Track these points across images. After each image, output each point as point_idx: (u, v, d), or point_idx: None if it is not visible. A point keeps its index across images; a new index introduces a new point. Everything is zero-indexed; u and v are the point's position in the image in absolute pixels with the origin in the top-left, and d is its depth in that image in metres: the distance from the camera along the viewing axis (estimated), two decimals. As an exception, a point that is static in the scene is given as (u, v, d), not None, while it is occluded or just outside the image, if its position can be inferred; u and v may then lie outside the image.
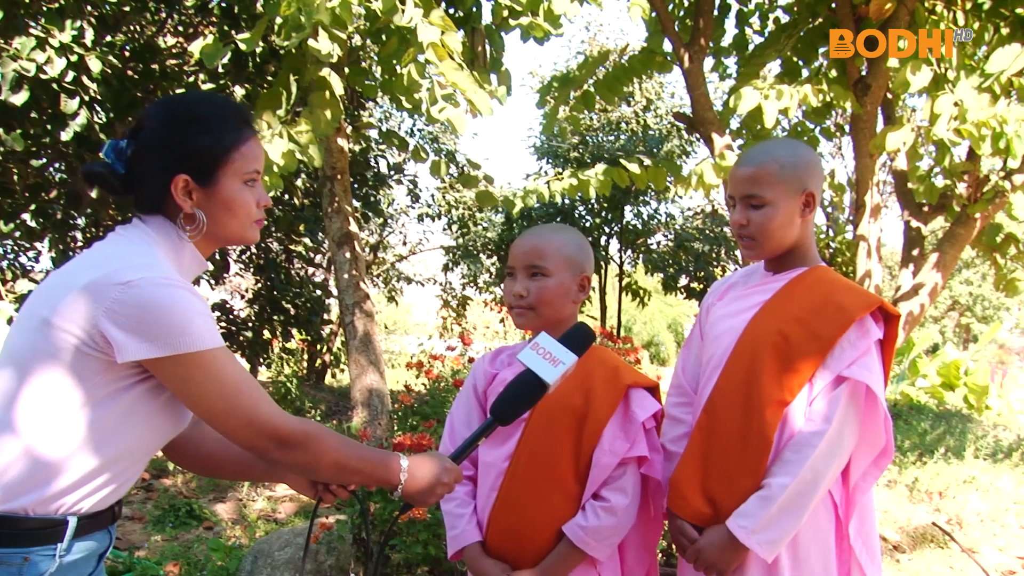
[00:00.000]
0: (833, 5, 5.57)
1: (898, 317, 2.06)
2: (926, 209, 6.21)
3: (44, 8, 5.83)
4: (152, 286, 1.45)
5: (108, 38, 6.65)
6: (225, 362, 1.51)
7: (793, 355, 1.99)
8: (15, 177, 7.07)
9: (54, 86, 5.63)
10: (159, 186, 1.57)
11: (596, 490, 2.00)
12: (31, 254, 9.35)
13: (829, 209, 14.54)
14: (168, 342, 1.44)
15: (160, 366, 1.47)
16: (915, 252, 6.20)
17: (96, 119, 6.01)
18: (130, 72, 6.99)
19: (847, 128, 6.84)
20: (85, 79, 5.76)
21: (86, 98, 5.82)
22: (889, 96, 6.07)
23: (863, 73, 5.61)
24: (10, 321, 5.68)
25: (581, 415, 2.01)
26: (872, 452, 2.03)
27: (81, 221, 8.34)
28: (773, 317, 2.05)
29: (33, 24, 5.69)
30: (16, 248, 9.26)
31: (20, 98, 5.31)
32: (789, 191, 2.03)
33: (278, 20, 4.19)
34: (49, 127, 6.13)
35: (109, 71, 6.09)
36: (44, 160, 6.98)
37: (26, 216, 7.72)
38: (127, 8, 6.81)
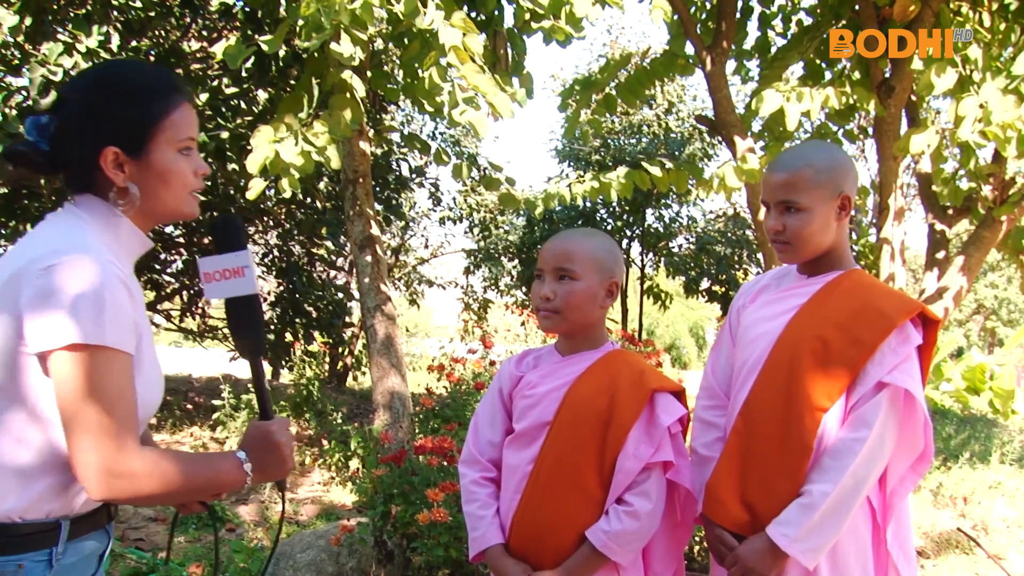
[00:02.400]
0: (857, 7, 5.54)
1: (938, 322, 2.05)
2: (951, 212, 6.16)
3: (71, 14, 5.90)
4: (71, 270, 1.37)
5: (134, 43, 6.72)
6: (114, 371, 1.39)
7: (833, 360, 1.97)
8: (42, 181, 7.14)
9: (81, 91, 5.68)
10: (88, 161, 1.49)
11: (620, 494, 1.99)
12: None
13: (852, 212, 14.44)
14: (69, 330, 1.34)
15: (53, 356, 1.36)
16: (940, 255, 6.15)
17: (121, 123, 6.06)
18: (155, 77, 7.04)
19: (871, 130, 6.80)
20: (111, 84, 5.82)
21: (112, 102, 5.87)
22: (913, 98, 6.03)
23: (887, 75, 5.57)
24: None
25: (606, 419, 2.00)
26: (910, 457, 2.01)
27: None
28: (811, 321, 2.03)
29: (60, 30, 5.77)
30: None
31: (48, 102, 5.37)
32: (825, 195, 2.02)
33: (300, 22, 4.21)
34: (75, 131, 6.19)
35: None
36: (70, 164, 7.05)
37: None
38: (152, 13, 6.88)
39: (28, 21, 5.52)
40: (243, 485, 1.53)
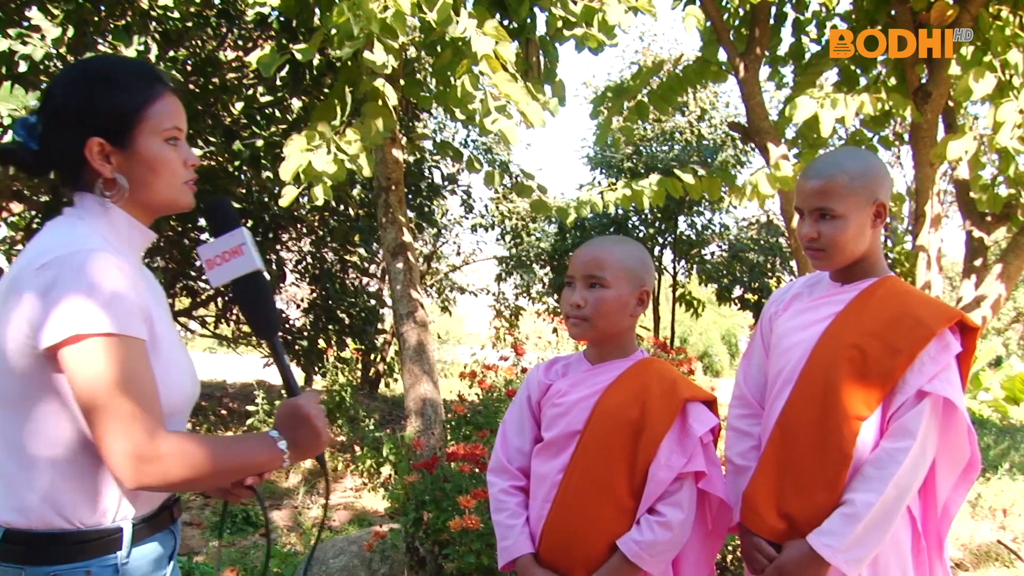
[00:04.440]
0: (893, 12, 5.48)
1: (976, 329, 2.01)
2: (989, 219, 6.06)
3: (112, 25, 6.00)
4: (64, 264, 1.37)
5: (171, 53, 6.82)
6: (125, 356, 1.37)
7: (870, 369, 1.95)
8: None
9: (120, 100, 5.79)
10: (73, 155, 1.49)
11: (652, 504, 1.98)
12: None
13: (888, 219, 14.27)
14: (70, 322, 1.33)
15: (62, 350, 1.35)
16: (977, 263, 6.05)
17: (159, 132, 6.16)
18: (192, 86, 7.15)
19: (906, 137, 6.71)
20: (149, 93, 5.92)
21: (150, 111, 5.97)
22: (950, 104, 5.95)
23: (923, 81, 5.50)
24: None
25: (637, 428, 1.99)
26: (958, 466, 1.99)
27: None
28: (847, 330, 2.01)
29: (101, 41, 5.88)
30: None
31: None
32: (860, 203, 2.00)
33: (333, 31, 4.25)
34: (115, 139, 6.30)
35: (172, 84, 6.23)
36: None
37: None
38: (190, 24, 6.98)
39: (71, 32, 5.63)
40: (281, 464, 1.52)
